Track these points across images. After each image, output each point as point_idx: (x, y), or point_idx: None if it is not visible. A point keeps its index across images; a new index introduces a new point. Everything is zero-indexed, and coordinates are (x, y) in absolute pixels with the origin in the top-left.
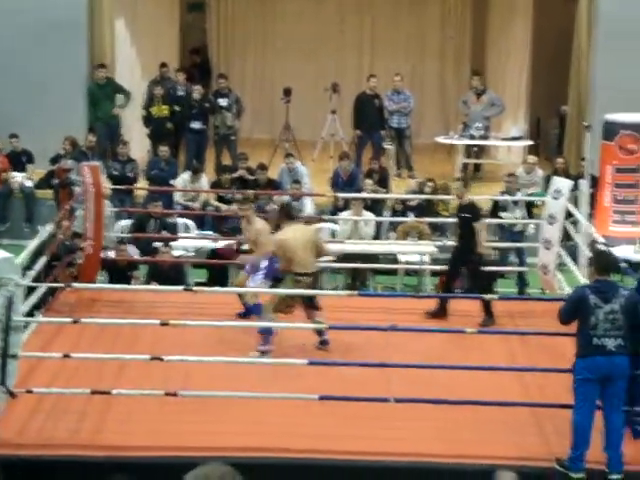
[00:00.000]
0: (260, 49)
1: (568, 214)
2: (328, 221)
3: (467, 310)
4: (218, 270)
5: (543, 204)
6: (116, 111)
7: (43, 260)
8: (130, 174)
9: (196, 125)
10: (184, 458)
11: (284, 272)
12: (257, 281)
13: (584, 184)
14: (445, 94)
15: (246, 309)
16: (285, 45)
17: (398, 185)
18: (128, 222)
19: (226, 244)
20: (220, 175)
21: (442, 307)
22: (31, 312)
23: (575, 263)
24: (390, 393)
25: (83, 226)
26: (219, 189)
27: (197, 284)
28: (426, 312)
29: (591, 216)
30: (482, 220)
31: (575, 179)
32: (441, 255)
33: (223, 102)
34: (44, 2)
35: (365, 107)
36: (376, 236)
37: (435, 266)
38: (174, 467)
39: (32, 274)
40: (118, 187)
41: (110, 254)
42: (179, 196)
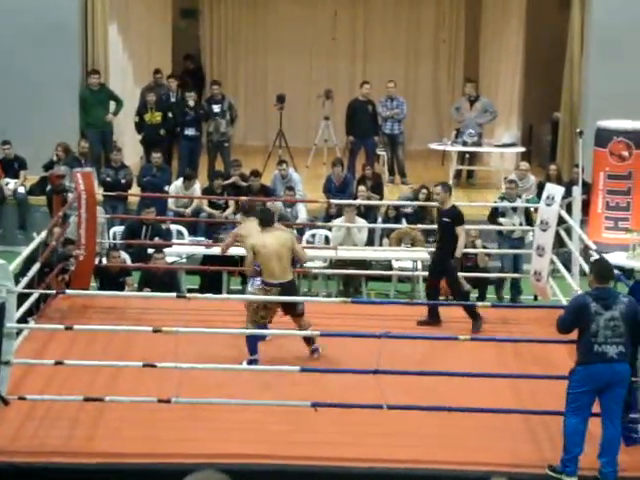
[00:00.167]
0: (253, 56)
1: (561, 221)
2: (321, 227)
3: (460, 317)
4: (211, 276)
5: (536, 211)
6: (109, 118)
7: (36, 267)
8: (123, 180)
9: (190, 132)
10: (177, 465)
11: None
12: (255, 286)
13: (577, 191)
14: (438, 100)
15: None
16: (278, 52)
17: (391, 191)
18: (121, 228)
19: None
20: (213, 181)
21: (434, 314)
22: (24, 319)
23: (568, 270)
24: (383, 400)
25: (76, 233)
26: (212, 195)
27: (189, 290)
28: (418, 321)
29: (584, 222)
30: (463, 225)
31: (568, 186)
32: None
33: (217, 109)
34: (37, 8)
35: (358, 113)
36: (369, 242)
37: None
38: (167, 474)
39: (25, 281)
40: (110, 194)
41: (103, 260)
42: (172, 203)
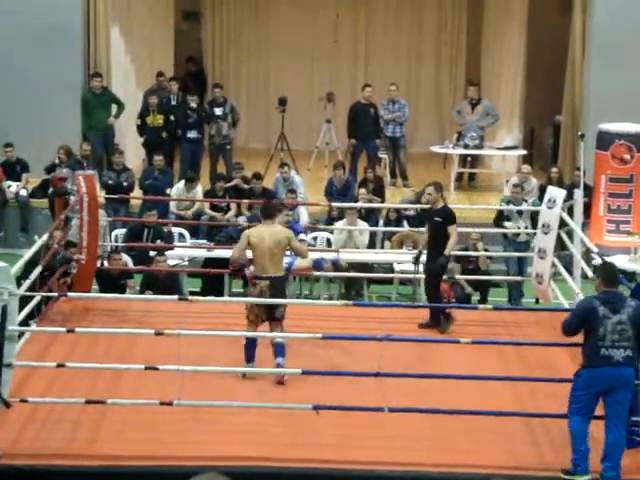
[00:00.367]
0: (255, 58)
1: (562, 223)
2: (323, 230)
3: (461, 319)
4: (213, 279)
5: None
6: (111, 121)
7: (38, 270)
8: (125, 183)
9: (192, 134)
10: (179, 468)
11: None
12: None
13: (578, 193)
14: (440, 103)
15: None
16: (280, 54)
17: (393, 194)
18: (123, 231)
19: None
20: (214, 184)
21: (435, 317)
22: (26, 321)
23: (570, 273)
24: (384, 402)
25: (78, 235)
26: (213, 198)
27: (191, 293)
28: (419, 324)
29: (585, 225)
30: (455, 225)
31: (569, 188)
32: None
33: (218, 111)
34: (40, 11)
35: (360, 116)
36: (371, 245)
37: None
38: (169, 477)
39: (27, 283)
40: (112, 196)
41: (104, 263)
42: (174, 205)
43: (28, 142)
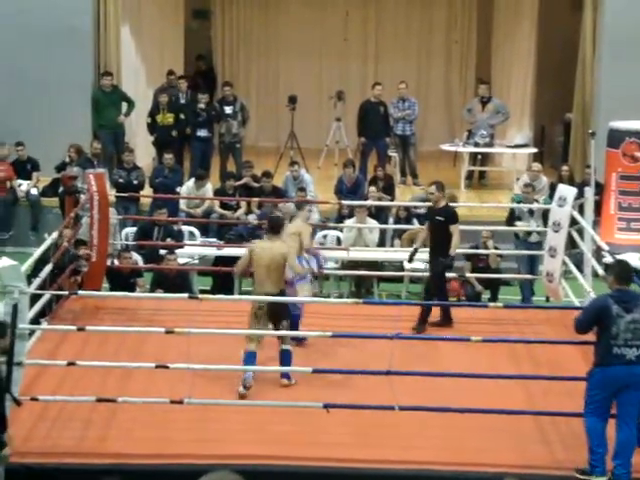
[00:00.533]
0: (265, 56)
1: (573, 221)
2: (333, 228)
3: (471, 318)
4: (223, 277)
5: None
6: (121, 119)
7: (48, 268)
8: (135, 181)
9: (202, 133)
10: (190, 466)
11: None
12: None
13: (589, 191)
14: (450, 101)
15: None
16: (290, 53)
17: (403, 192)
18: (133, 230)
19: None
20: (224, 182)
21: (446, 315)
22: (36, 320)
23: (580, 271)
24: (395, 401)
25: (88, 234)
26: (223, 196)
27: (201, 291)
28: (430, 322)
29: (596, 223)
30: (457, 224)
31: (580, 186)
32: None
33: (228, 110)
34: (50, 10)
35: (370, 115)
36: (381, 243)
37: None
38: (180, 475)
39: (37, 282)
40: (123, 195)
41: (115, 262)
42: (184, 204)
43: (39, 141)
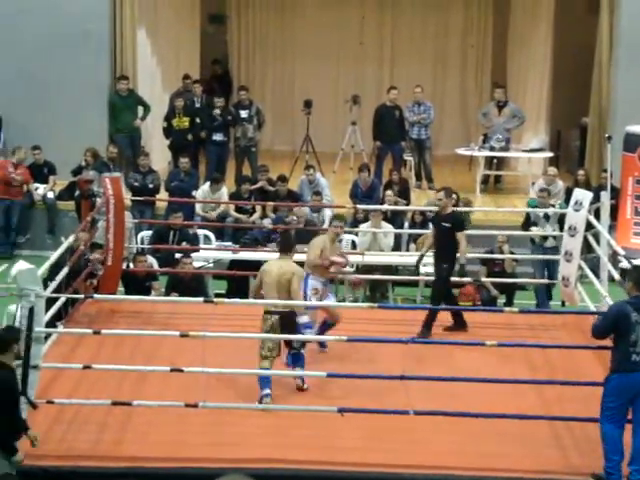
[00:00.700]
0: (280, 60)
1: (589, 226)
2: (348, 232)
3: (487, 322)
4: (238, 281)
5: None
6: (137, 123)
7: (64, 271)
8: (151, 185)
9: (217, 137)
10: (205, 469)
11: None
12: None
13: (605, 196)
14: (466, 105)
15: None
16: (306, 56)
17: (418, 197)
18: (149, 233)
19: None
20: (240, 186)
21: (459, 320)
22: (52, 323)
23: (596, 276)
24: (409, 405)
25: (104, 237)
26: (238, 200)
27: (216, 295)
28: (444, 327)
29: (612, 228)
30: (464, 231)
31: (596, 191)
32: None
33: (244, 114)
34: (67, 14)
35: (385, 119)
36: (396, 248)
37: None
38: (195, 478)
39: (53, 285)
40: (138, 198)
41: (130, 265)
42: (199, 207)
43: (55, 145)
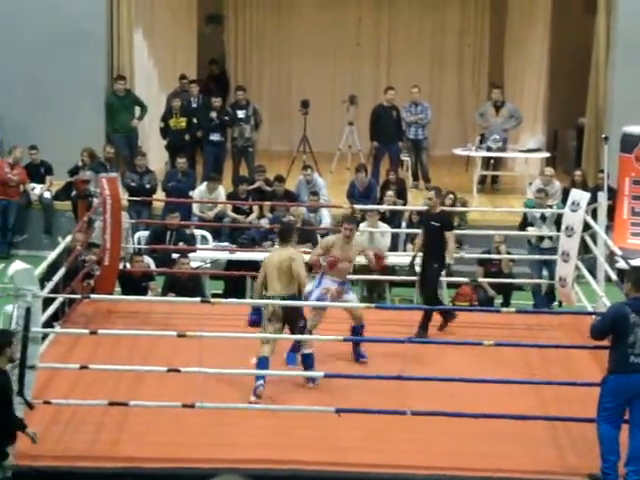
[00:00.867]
0: (277, 61)
1: (586, 226)
2: None
3: (484, 322)
4: (235, 281)
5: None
6: (134, 123)
7: (61, 271)
8: (148, 185)
9: (214, 137)
10: (202, 470)
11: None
12: (352, 300)
13: (602, 196)
14: (463, 106)
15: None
16: (303, 57)
17: (415, 197)
18: (145, 233)
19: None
20: (237, 186)
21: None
22: (49, 323)
23: (593, 276)
24: (407, 406)
25: (101, 237)
26: (236, 200)
27: (213, 295)
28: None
29: (609, 228)
30: (453, 230)
31: (593, 191)
32: (458, 267)
33: (241, 114)
34: (64, 14)
35: (382, 119)
36: (393, 248)
37: (452, 278)
38: (191, 479)
39: (50, 285)
40: (135, 199)
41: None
42: (196, 208)
43: (52, 145)
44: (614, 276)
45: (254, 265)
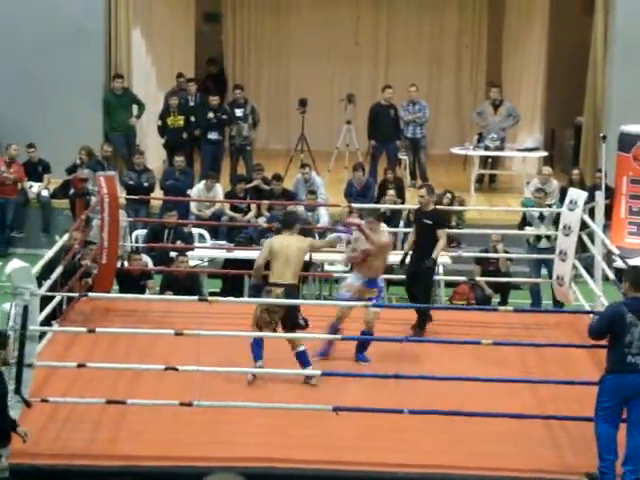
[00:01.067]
0: (276, 59)
1: (583, 225)
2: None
3: (481, 321)
4: (233, 280)
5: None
6: (132, 122)
7: (59, 270)
8: (146, 184)
9: (212, 136)
10: (199, 468)
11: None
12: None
13: (600, 195)
14: (460, 105)
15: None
16: (301, 56)
17: (413, 196)
18: (143, 232)
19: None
20: (235, 185)
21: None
22: (47, 321)
23: (590, 275)
24: (404, 404)
25: (99, 236)
26: (234, 199)
27: (211, 294)
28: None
29: (607, 227)
30: (445, 229)
31: (590, 190)
32: (455, 266)
33: (239, 113)
34: (62, 12)
35: (380, 118)
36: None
37: (449, 277)
38: (189, 477)
39: (48, 284)
40: (133, 197)
41: (125, 264)
42: (194, 206)
43: (50, 143)
44: (611, 275)
45: (252, 264)
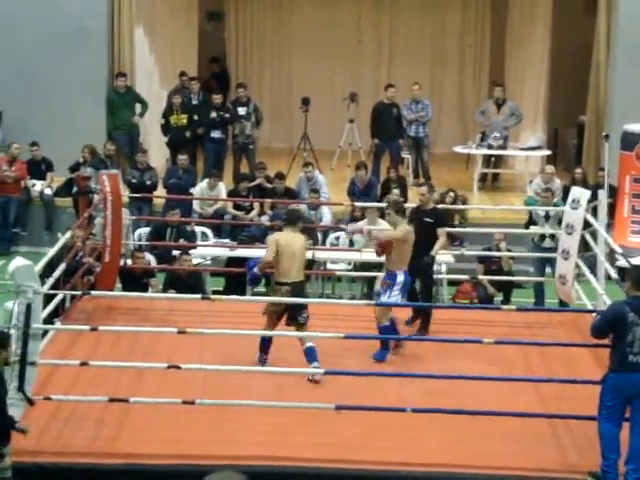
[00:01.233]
0: (278, 58)
1: (586, 224)
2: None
3: (484, 320)
4: (235, 278)
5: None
6: (135, 120)
7: (61, 268)
8: (148, 182)
9: (215, 134)
10: (202, 467)
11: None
12: (393, 297)
13: (602, 194)
14: (463, 104)
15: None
16: (303, 54)
17: (416, 195)
18: (146, 230)
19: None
20: (238, 183)
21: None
22: (49, 319)
23: (593, 274)
24: (407, 403)
25: (102, 234)
26: (236, 197)
27: (214, 292)
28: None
29: (610, 226)
30: (445, 227)
31: (593, 189)
32: (458, 265)
33: (242, 111)
34: (65, 11)
35: (383, 116)
36: None
37: (452, 275)
38: (192, 476)
39: (50, 282)
40: (136, 195)
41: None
42: (197, 205)
43: (53, 141)
44: (614, 274)
45: None
